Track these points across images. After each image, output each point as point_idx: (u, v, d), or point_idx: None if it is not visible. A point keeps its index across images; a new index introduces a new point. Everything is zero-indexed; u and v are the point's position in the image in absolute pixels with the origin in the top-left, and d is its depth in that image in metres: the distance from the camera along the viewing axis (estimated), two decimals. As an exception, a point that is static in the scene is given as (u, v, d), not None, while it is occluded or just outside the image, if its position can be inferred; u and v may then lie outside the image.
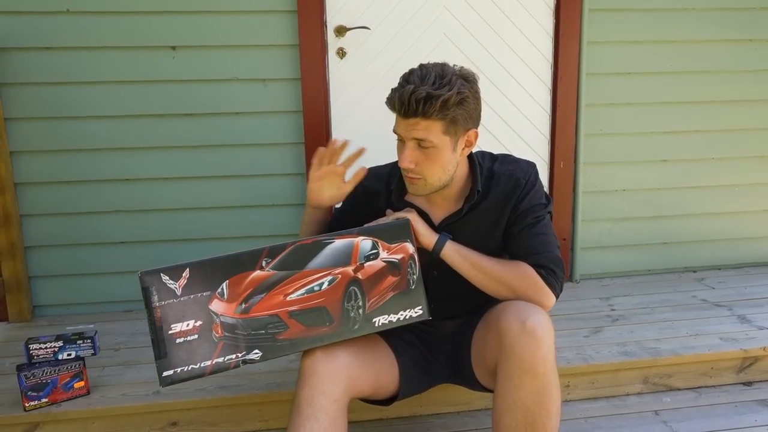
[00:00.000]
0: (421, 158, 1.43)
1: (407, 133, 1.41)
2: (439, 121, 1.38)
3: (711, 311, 2.39)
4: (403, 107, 1.37)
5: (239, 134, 2.46)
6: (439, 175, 1.46)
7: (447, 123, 1.39)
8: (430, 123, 1.38)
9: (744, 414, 1.93)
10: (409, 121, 1.39)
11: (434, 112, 1.36)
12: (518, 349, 1.34)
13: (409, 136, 1.41)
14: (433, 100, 1.34)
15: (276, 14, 2.39)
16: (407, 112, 1.37)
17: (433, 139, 1.39)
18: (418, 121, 1.38)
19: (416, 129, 1.39)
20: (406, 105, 1.36)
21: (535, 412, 1.36)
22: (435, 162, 1.43)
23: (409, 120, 1.39)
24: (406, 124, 1.40)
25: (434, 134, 1.39)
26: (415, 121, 1.38)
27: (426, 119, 1.37)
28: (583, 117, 2.63)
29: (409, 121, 1.39)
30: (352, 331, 1.40)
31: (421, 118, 1.37)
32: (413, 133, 1.40)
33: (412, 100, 1.35)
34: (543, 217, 1.53)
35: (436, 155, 1.42)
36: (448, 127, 1.40)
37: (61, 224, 2.43)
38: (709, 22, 2.64)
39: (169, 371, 1.29)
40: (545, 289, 1.45)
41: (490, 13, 2.55)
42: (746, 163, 2.82)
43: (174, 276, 1.30)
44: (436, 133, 1.39)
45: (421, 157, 1.43)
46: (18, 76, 2.30)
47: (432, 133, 1.39)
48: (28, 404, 1.75)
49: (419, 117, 1.37)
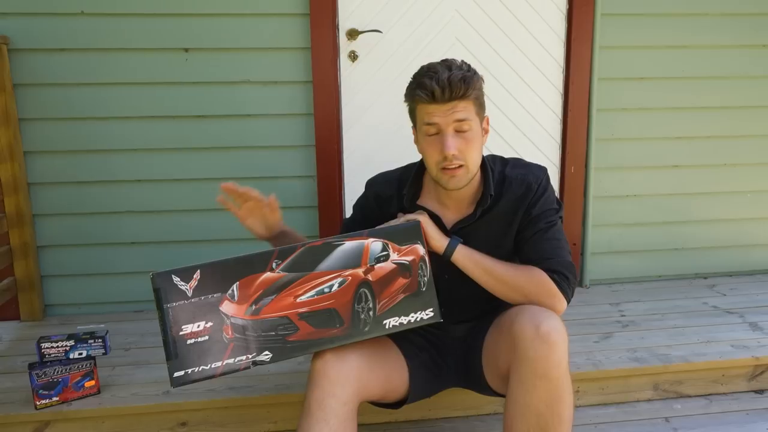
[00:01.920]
0: (462, 144, 1.45)
1: (447, 119, 1.44)
2: (472, 102, 1.45)
3: (722, 318, 2.37)
4: (446, 90, 1.41)
5: (251, 136, 2.47)
6: (476, 159, 1.50)
7: (477, 104, 1.47)
8: (467, 104, 1.44)
9: (755, 422, 1.91)
10: (447, 106, 1.43)
11: (471, 93, 1.43)
12: (532, 354, 1.34)
13: (449, 121, 1.44)
14: (470, 81, 1.42)
15: (288, 17, 2.40)
16: (449, 96, 1.41)
17: (471, 119, 1.45)
18: (457, 103, 1.43)
19: (456, 111, 1.43)
20: (448, 88, 1.40)
21: (548, 417, 1.36)
22: (474, 145, 1.47)
23: (447, 105, 1.43)
24: (444, 109, 1.43)
25: (471, 114, 1.45)
26: (454, 104, 1.43)
27: (463, 100, 1.43)
28: (594, 122, 2.63)
29: (447, 106, 1.43)
30: (362, 333, 1.39)
31: (459, 101, 1.43)
32: (455, 115, 1.43)
33: (453, 80, 1.40)
34: (555, 222, 1.53)
35: (473, 138, 1.46)
36: (479, 108, 1.48)
37: (74, 224, 2.45)
38: (722, 28, 2.63)
39: (180, 372, 1.30)
40: (558, 295, 1.45)
41: (502, 17, 2.55)
42: (759, 169, 2.80)
43: (185, 277, 1.31)
44: (472, 114, 1.45)
45: (461, 143, 1.45)
46: (32, 77, 2.33)
47: (470, 113, 1.45)
48: (39, 402, 1.77)
49: (457, 100, 1.42)
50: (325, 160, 2.51)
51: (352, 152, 2.57)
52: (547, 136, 2.68)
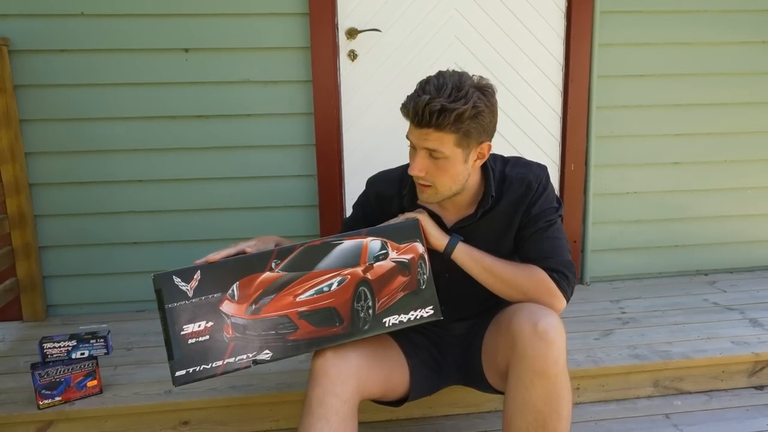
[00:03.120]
0: (432, 168, 1.42)
1: (419, 143, 1.40)
2: (452, 134, 1.36)
3: (723, 314, 2.37)
4: (417, 117, 1.35)
5: (251, 136, 2.48)
6: (449, 185, 1.45)
7: (460, 136, 1.37)
8: (442, 135, 1.36)
9: (756, 418, 1.92)
10: (421, 131, 1.37)
11: (448, 125, 1.34)
12: (530, 352, 1.34)
13: (420, 146, 1.40)
14: (447, 113, 1.32)
15: (288, 17, 2.41)
16: (420, 123, 1.36)
17: (445, 150, 1.38)
18: (431, 132, 1.36)
19: (428, 139, 1.37)
20: (419, 115, 1.34)
21: (546, 414, 1.36)
22: (445, 172, 1.42)
23: (421, 130, 1.37)
24: (419, 133, 1.38)
25: (446, 146, 1.38)
26: (428, 131, 1.36)
27: (439, 131, 1.35)
28: (594, 119, 2.62)
29: (421, 131, 1.37)
30: (362, 332, 1.40)
31: (433, 130, 1.35)
32: (425, 143, 1.38)
33: (426, 111, 1.33)
34: (555, 221, 1.53)
35: (446, 166, 1.41)
36: (461, 139, 1.38)
37: (75, 225, 2.46)
38: (722, 24, 2.63)
39: (182, 371, 1.31)
40: (557, 293, 1.45)
41: (501, 15, 2.55)
42: (759, 166, 2.80)
43: (186, 278, 1.33)
44: (448, 145, 1.38)
45: (431, 167, 1.42)
46: (33, 78, 2.33)
47: (444, 144, 1.37)
48: (42, 402, 1.77)
49: (432, 128, 1.35)
50: (326, 160, 2.51)
51: (352, 151, 2.58)
52: (546, 133, 2.68)
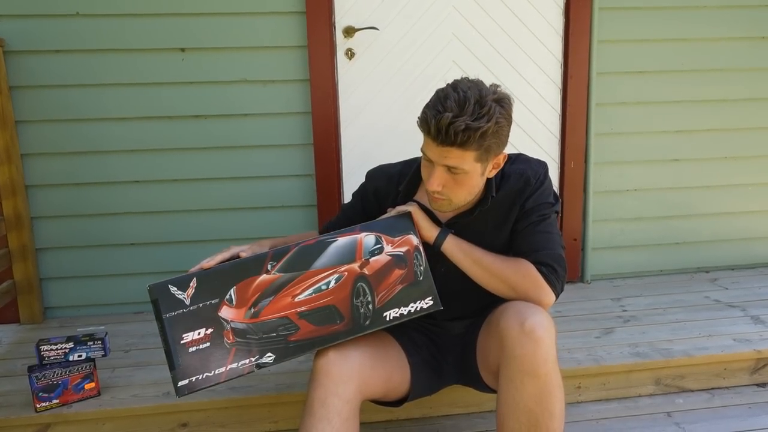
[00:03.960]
0: (450, 182, 1.39)
1: (439, 160, 1.36)
2: (473, 151, 1.33)
3: (724, 312, 2.36)
4: (440, 136, 1.30)
5: (248, 136, 2.47)
6: (464, 197, 1.44)
7: (481, 152, 1.35)
8: (464, 153, 1.33)
9: (758, 416, 1.91)
10: (443, 149, 1.33)
11: (472, 143, 1.31)
12: (518, 351, 1.33)
13: (440, 163, 1.36)
14: (472, 132, 1.29)
15: (284, 16, 2.39)
16: (444, 142, 1.31)
17: (466, 167, 1.35)
18: (453, 150, 1.32)
19: (449, 157, 1.34)
20: (443, 134, 1.30)
21: (538, 413, 1.35)
22: (463, 186, 1.41)
23: (443, 148, 1.33)
24: (440, 151, 1.34)
25: (467, 163, 1.35)
26: (450, 149, 1.32)
27: (461, 149, 1.32)
28: (593, 116, 2.62)
29: (443, 149, 1.33)
30: (363, 327, 1.39)
31: (456, 148, 1.32)
32: (445, 161, 1.35)
33: (450, 130, 1.29)
34: (548, 215, 1.52)
35: (465, 180, 1.39)
36: (482, 155, 1.36)
37: (72, 226, 2.45)
38: (721, 20, 2.62)
39: (185, 381, 1.30)
40: (545, 287, 1.43)
41: (500, 12, 2.54)
42: (759, 162, 2.79)
43: (182, 286, 1.32)
44: (468, 162, 1.35)
45: (449, 181, 1.39)
46: (29, 78, 2.32)
47: (465, 161, 1.35)
48: (40, 405, 1.76)
49: (455, 147, 1.31)
50: (324, 159, 2.50)
51: (350, 150, 2.57)
52: (545, 131, 2.67)
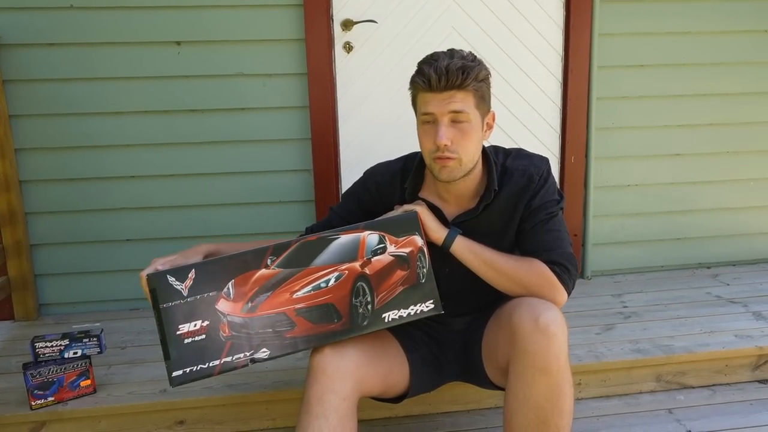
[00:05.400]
0: (457, 135, 1.42)
1: (442, 108, 1.40)
2: (472, 93, 1.40)
3: (725, 308, 2.35)
4: (442, 78, 1.37)
5: (245, 130, 2.44)
6: (472, 153, 1.45)
7: (478, 98, 1.42)
8: (465, 95, 1.40)
9: (759, 412, 1.90)
10: (444, 95, 1.39)
11: (470, 83, 1.39)
12: (531, 347, 1.32)
13: (445, 111, 1.40)
14: (469, 71, 1.38)
15: (282, 8, 2.37)
16: (445, 85, 1.38)
17: (469, 111, 1.41)
18: (454, 93, 1.39)
19: (453, 101, 1.39)
20: (445, 76, 1.37)
21: (548, 410, 1.34)
22: (470, 138, 1.43)
23: (444, 93, 1.39)
24: (441, 98, 1.40)
25: (469, 106, 1.41)
26: (451, 93, 1.39)
27: (461, 90, 1.39)
28: (594, 111, 2.60)
29: (444, 95, 1.39)
30: (361, 328, 1.38)
31: (456, 90, 1.39)
32: (450, 106, 1.39)
33: (451, 69, 1.37)
34: (556, 213, 1.51)
35: (470, 131, 1.42)
36: (479, 102, 1.42)
37: (67, 222, 2.42)
38: (724, 13, 2.60)
39: (179, 371, 1.29)
40: (558, 287, 1.43)
41: (499, 4, 2.51)
42: (762, 157, 2.78)
43: (180, 277, 1.31)
44: (470, 106, 1.41)
45: (456, 134, 1.42)
46: (22, 72, 2.29)
47: (467, 104, 1.40)
48: (35, 403, 1.75)
49: (455, 89, 1.38)
50: (322, 153, 2.48)
51: (348, 144, 2.54)
52: (546, 125, 2.65)
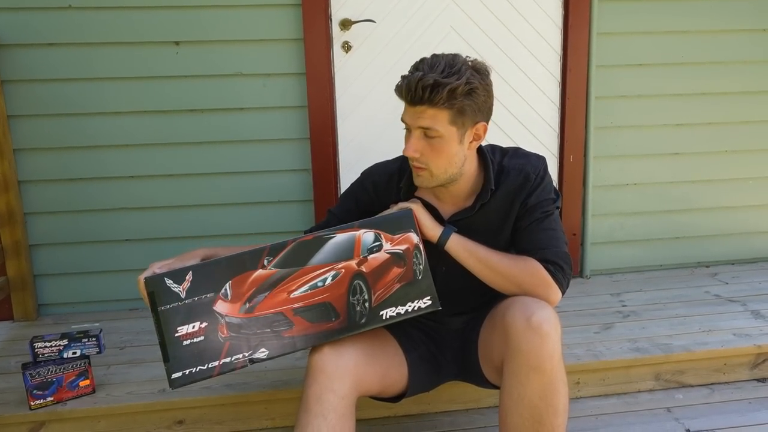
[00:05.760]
0: (427, 148, 1.41)
1: (413, 122, 1.39)
2: (445, 111, 1.36)
3: (724, 307, 2.35)
4: (410, 94, 1.35)
5: (244, 130, 2.44)
6: (444, 167, 1.44)
7: (454, 113, 1.37)
8: (436, 112, 1.36)
9: (758, 410, 1.90)
10: (415, 109, 1.37)
11: (441, 101, 1.34)
12: (524, 346, 1.33)
13: (415, 125, 1.39)
14: (440, 88, 1.33)
15: (280, 8, 2.37)
16: (414, 99, 1.36)
17: (439, 128, 1.37)
18: (425, 109, 1.36)
19: (422, 117, 1.37)
20: (413, 92, 1.34)
21: (542, 408, 1.35)
22: (440, 153, 1.41)
23: (415, 108, 1.37)
24: (413, 111, 1.38)
25: (440, 124, 1.37)
26: (422, 109, 1.36)
27: (432, 107, 1.35)
28: (593, 110, 2.60)
29: (415, 109, 1.37)
30: (359, 326, 1.38)
31: (427, 106, 1.35)
32: (419, 122, 1.38)
33: (419, 86, 1.33)
34: (551, 212, 1.51)
35: (441, 146, 1.40)
36: (455, 117, 1.38)
37: (66, 222, 2.42)
38: (722, 12, 2.59)
39: (178, 373, 1.30)
40: (552, 285, 1.43)
41: (498, 4, 2.51)
42: (760, 156, 2.78)
43: (177, 280, 1.31)
44: (442, 123, 1.37)
45: (426, 148, 1.41)
46: (21, 72, 2.29)
47: (438, 122, 1.37)
48: (34, 403, 1.75)
49: (426, 105, 1.35)
50: (320, 153, 2.48)
51: (347, 144, 2.54)
52: (544, 124, 2.65)
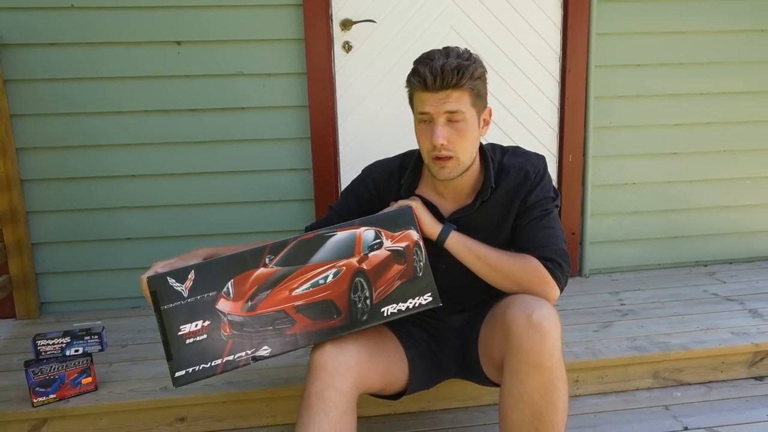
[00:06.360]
0: (453, 134, 1.43)
1: (438, 108, 1.41)
2: (467, 92, 1.41)
3: (722, 305, 2.36)
4: (438, 78, 1.38)
5: (245, 130, 2.45)
6: (470, 151, 1.47)
7: (474, 95, 1.42)
8: (461, 94, 1.40)
9: (755, 408, 1.91)
10: (440, 95, 1.40)
11: (466, 82, 1.39)
12: (524, 344, 1.33)
13: (441, 111, 1.41)
14: (465, 70, 1.38)
15: (281, 8, 2.38)
16: (442, 84, 1.38)
17: (465, 110, 1.41)
18: (450, 92, 1.39)
19: (448, 101, 1.40)
20: (440, 76, 1.37)
21: (542, 406, 1.35)
22: (466, 137, 1.44)
23: (439, 93, 1.40)
24: (437, 98, 1.40)
25: (465, 105, 1.41)
26: (447, 93, 1.39)
27: (457, 90, 1.39)
28: (592, 110, 2.61)
29: (440, 95, 1.40)
30: (360, 323, 1.39)
31: (452, 90, 1.39)
32: (446, 106, 1.40)
33: (446, 69, 1.37)
34: (551, 210, 1.52)
35: (466, 129, 1.43)
36: (475, 99, 1.43)
37: (68, 221, 2.44)
38: (721, 13, 2.61)
39: (181, 372, 1.30)
40: (551, 283, 1.44)
41: (498, 4, 2.52)
42: (758, 156, 2.79)
43: (180, 279, 1.32)
44: (466, 105, 1.41)
45: (453, 134, 1.43)
46: (23, 72, 2.30)
47: (463, 104, 1.41)
48: (36, 400, 1.76)
49: (451, 88, 1.39)
50: (321, 152, 2.49)
51: (348, 143, 2.56)
52: (544, 124, 2.66)
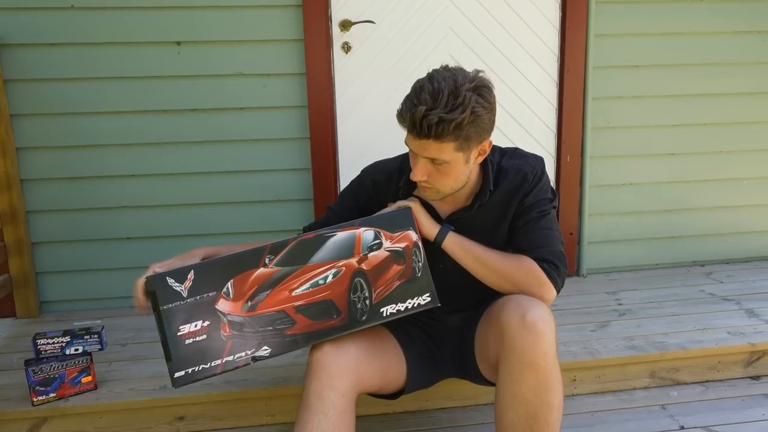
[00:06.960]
0: (434, 172, 1.41)
1: (419, 152, 1.38)
2: (451, 143, 1.34)
3: (719, 305, 2.37)
4: (415, 129, 1.33)
5: (245, 130, 2.46)
6: (451, 185, 1.45)
7: (460, 142, 1.35)
8: (442, 144, 1.34)
9: (751, 408, 1.92)
10: (420, 142, 1.35)
11: (447, 135, 1.32)
12: (519, 344, 1.34)
13: (421, 155, 1.38)
14: (446, 124, 1.30)
15: (281, 9, 2.38)
16: (419, 135, 1.33)
17: (446, 158, 1.36)
18: (431, 142, 1.33)
19: (428, 149, 1.35)
20: (417, 128, 1.32)
21: (537, 406, 1.36)
22: (447, 175, 1.41)
23: (420, 140, 1.35)
24: (418, 143, 1.36)
25: (446, 153, 1.36)
26: (428, 142, 1.34)
27: (438, 141, 1.33)
28: (590, 110, 2.61)
29: (420, 142, 1.35)
30: (360, 323, 1.39)
31: (433, 141, 1.33)
32: (425, 153, 1.37)
33: (423, 124, 1.30)
34: (548, 211, 1.52)
35: (448, 170, 1.40)
36: (461, 144, 1.36)
37: (68, 220, 2.44)
38: (718, 14, 2.61)
39: (181, 372, 1.30)
40: (547, 283, 1.44)
41: (496, 5, 2.53)
42: (755, 156, 2.80)
43: (179, 279, 1.32)
44: (448, 152, 1.36)
45: (433, 171, 1.41)
46: (24, 72, 2.30)
47: (444, 152, 1.35)
48: (36, 399, 1.76)
49: (432, 139, 1.32)
50: (320, 152, 2.50)
51: (347, 143, 2.56)
52: (542, 125, 2.67)
